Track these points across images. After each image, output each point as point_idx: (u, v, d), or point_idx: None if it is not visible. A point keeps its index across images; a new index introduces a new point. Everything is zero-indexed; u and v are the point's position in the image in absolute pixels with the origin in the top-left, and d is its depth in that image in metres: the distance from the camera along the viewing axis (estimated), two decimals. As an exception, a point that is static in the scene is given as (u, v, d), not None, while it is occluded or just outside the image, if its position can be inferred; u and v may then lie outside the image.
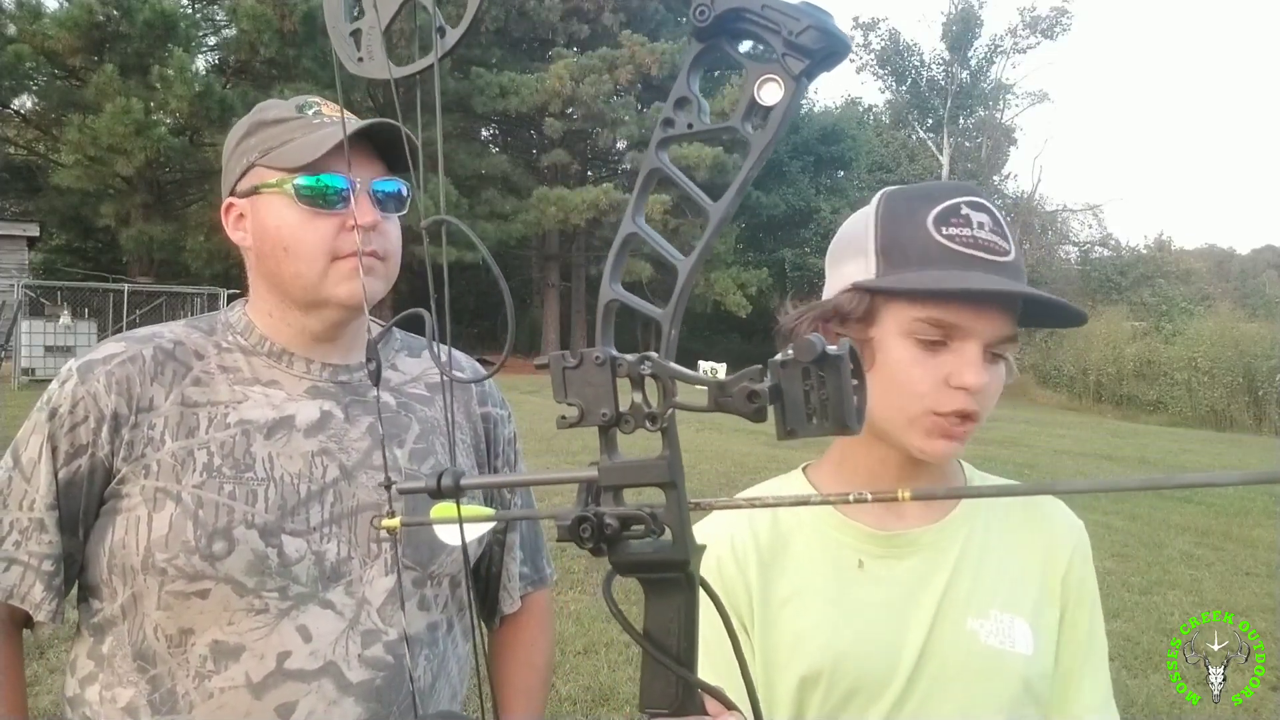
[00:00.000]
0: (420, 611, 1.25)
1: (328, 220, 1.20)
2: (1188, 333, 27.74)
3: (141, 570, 1.13)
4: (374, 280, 1.22)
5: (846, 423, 0.44)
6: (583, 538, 0.51)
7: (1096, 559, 1.20)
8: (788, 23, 0.48)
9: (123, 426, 1.17)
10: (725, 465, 9.77)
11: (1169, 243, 43.69)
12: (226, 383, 1.23)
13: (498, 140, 31.98)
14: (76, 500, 1.18)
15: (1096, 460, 13.16)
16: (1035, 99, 44.17)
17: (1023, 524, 1.17)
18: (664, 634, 0.54)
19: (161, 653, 1.14)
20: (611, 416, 0.51)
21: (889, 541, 1.13)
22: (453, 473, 0.53)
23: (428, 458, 1.30)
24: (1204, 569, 6.86)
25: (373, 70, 0.60)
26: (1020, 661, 1.07)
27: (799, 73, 0.49)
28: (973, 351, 1.03)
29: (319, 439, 1.22)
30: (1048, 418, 21.18)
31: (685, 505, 0.51)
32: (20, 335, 16.62)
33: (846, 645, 1.09)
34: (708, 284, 27.68)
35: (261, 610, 1.14)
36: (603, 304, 0.54)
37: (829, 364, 0.45)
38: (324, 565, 1.17)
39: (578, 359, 0.51)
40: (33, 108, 23.74)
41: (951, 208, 1.05)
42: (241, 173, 1.25)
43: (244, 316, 1.30)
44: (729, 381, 0.48)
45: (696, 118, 0.53)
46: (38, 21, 19.25)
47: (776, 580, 1.14)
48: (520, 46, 29.43)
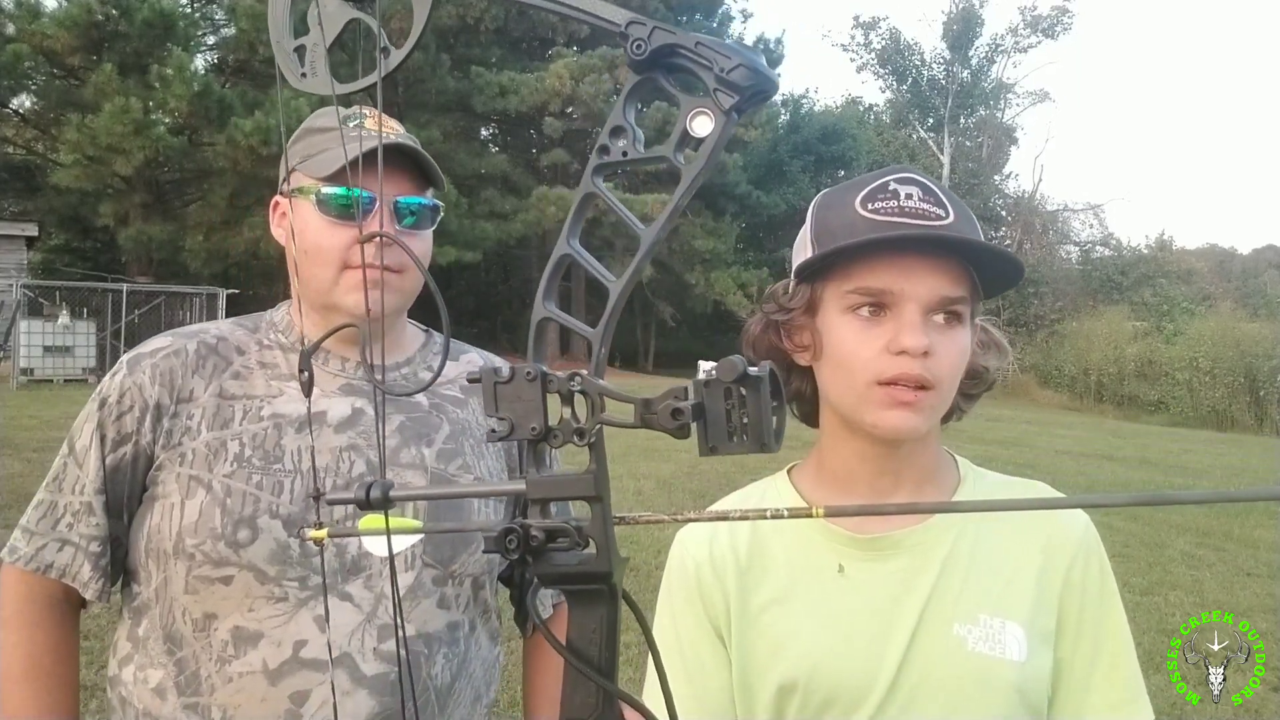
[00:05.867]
0: (440, 610, 1.27)
1: (345, 230, 1.25)
2: (1189, 333, 27.75)
3: (173, 554, 1.18)
4: (385, 293, 1.27)
5: (764, 441, 0.45)
6: (509, 549, 0.52)
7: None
8: (719, 60, 0.51)
9: (164, 416, 1.24)
10: (725, 466, 9.78)
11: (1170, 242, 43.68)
12: (264, 378, 1.29)
13: (497, 140, 31.99)
14: (122, 486, 1.25)
15: (1098, 460, 13.16)
16: (1036, 98, 44.18)
17: (1019, 522, 1.12)
18: (586, 644, 0.55)
19: (187, 636, 1.19)
20: (540, 431, 0.52)
21: (871, 544, 1.10)
22: (381, 484, 0.54)
23: (455, 458, 1.34)
24: (1205, 569, 6.87)
25: (316, 86, 0.61)
26: (1011, 669, 1.03)
27: (729, 107, 0.51)
28: (909, 314, 1.01)
29: (349, 435, 1.26)
30: (1049, 418, 21.19)
31: (610, 519, 0.52)
32: (19, 335, 16.67)
33: (823, 653, 1.07)
34: (708, 284, 27.69)
35: (281, 599, 1.18)
36: (535, 321, 0.55)
37: (750, 383, 0.46)
38: (345, 558, 1.21)
39: (509, 374, 0.52)
40: (31, 107, 23.74)
41: (879, 186, 1.05)
42: (288, 174, 1.31)
43: (287, 316, 1.37)
44: (654, 399, 0.49)
45: (632, 146, 0.55)
46: (36, 21, 19.24)
47: (755, 587, 1.13)
48: (520, 46, 29.44)
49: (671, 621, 1.17)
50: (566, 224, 0.56)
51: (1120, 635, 1.09)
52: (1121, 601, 1.12)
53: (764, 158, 31.30)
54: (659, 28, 0.50)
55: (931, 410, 1.04)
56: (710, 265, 27.87)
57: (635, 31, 0.51)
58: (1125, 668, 1.08)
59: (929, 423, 1.05)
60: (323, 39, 0.61)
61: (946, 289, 1.02)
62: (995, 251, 1.03)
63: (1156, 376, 26.83)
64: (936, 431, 1.13)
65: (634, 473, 9.25)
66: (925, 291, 1.02)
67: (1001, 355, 1.13)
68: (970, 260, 1.04)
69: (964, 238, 1.01)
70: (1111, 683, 1.07)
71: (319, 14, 0.59)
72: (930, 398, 1.03)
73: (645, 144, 0.55)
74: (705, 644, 1.14)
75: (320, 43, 0.61)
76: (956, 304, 1.03)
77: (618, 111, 0.54)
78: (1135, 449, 15.08)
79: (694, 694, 1.13)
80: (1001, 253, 1.04)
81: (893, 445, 1.08)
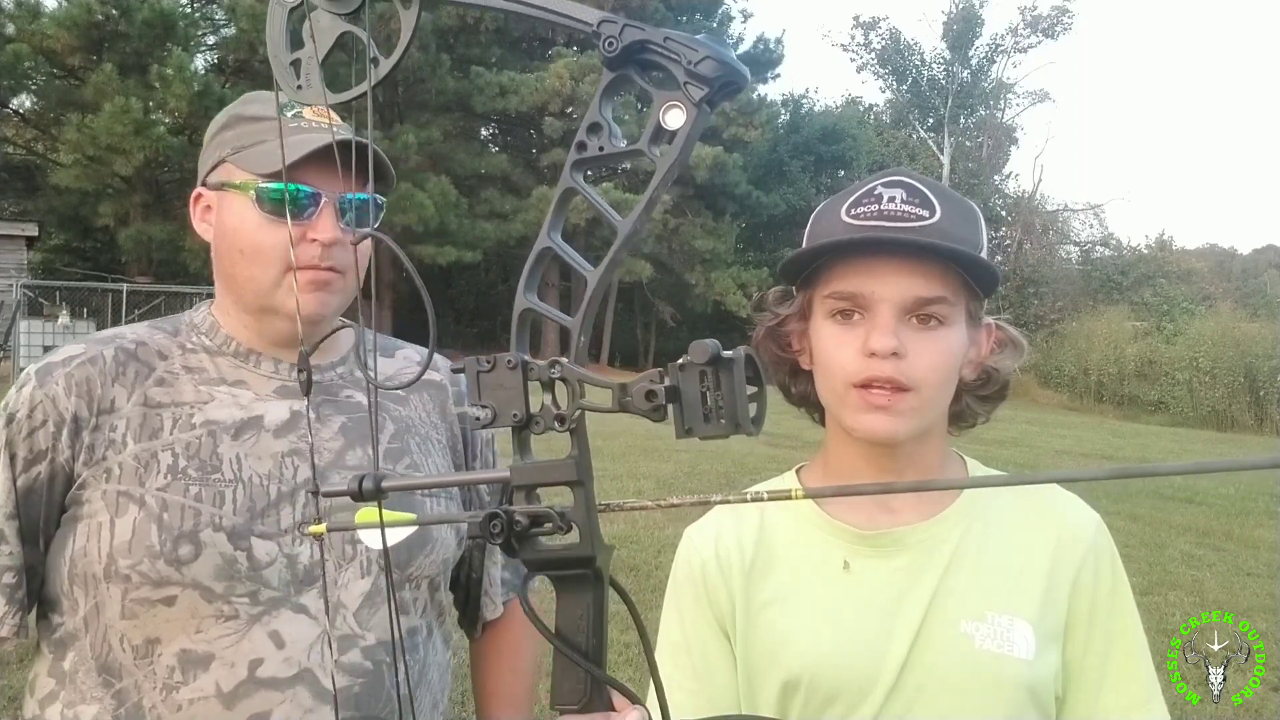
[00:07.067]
0: (399, 615, 1.22)
1: (286, 229, 1.17)
2: (1189, 333, 27.74)
3: (104, 578, 1.10)
4: (329, 294, 1.21)
5: (740, 423, 0.46)
6: (493, 534, 0.53)
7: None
8: (687, 53, 0.52)
9: (83, 429, 1.14)
10: (725, 465, 9.79)
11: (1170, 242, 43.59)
12: (191, 383, 1.20)
13: (497, 140, 31.96)
14: (37, 509, 1.15)
15: (1098, 460, 13.14)
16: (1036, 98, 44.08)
17: (1029, 520, 1.11)
18: (573, 631, 0.55)
19: (127, 664, 1.11)
20: (522, 418, 0.53)
21: (876, 541, 1.09)
22: (373, 476, 0.55)
23: (402, 458, 1.28)
24: (1205, 569, 6.87)
25: (310, 97, 0.63)
26: (1020, 666, 1.02)
27: (700, 99, 0.52)
28: (881, 316, 1.02)
29: (289, 439, 1.20)
30: (1049, 418, 21.17)
31: (593, 504, 0.53)
32: (19, 335, 16.65)
33: (827, 650, 1.06)
34: (708, 283, 27.66)
35: (231, 616, 1.11)
36: (517, 313, 0.56)
37: (723, 366, 0.47)
38: (296, 568, 1.14)
39: (491, 363, 0.53)
40: (31, 107, 23.76)
41: (866, 191, 1.07)
42: (213, 165, 1.23)
43: (209, 316, 1.28)
44: (630, 383, 0.50)
45: (608, 141, 0.56)
46: (36, 21, 19.27)
47: (761, 584, 1.13)
48: (520, 45, 29.41)
49: (678, 619, 1.18)
50: (547, 218, 0.58)
51: (1133, 636, 1.09)
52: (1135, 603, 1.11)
53: (764, 158, 31.26)
54: (629, 25, 0.51)
55: (913, 413, 1.03)
56: (710, 265, 27.84)
57: (607, 30, 0.52)
58: (1139, 668, 1.08)
59: (910, 425, 1.04)
60: (315, 52, 0.63)
61: (920, 290, 1.02)
62: (959, 255, 1.01)
63: (1156, 376, 26.81)
64: (941, 432, 1.13)
65: (634, 472, 9.24)
66: (897, 293, 1.02)
67: (1018, 354, 1.12)
68: (955, 260, 1.03)
69: (926, 240, 1.00)
70: (1125, 683, 1.06)
71: (312, 28, 0.61)
72: (909, 400, 1.02)
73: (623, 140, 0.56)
74: (712, 641, 1.15)
75: (314, 55, 0.63)
76: (933, 305, 1.03)
77: (593, 109, 0.56)
78: (1135, 449, 15.07)
79: (701, 690, 1.13)
80: (966, 256, 1.02)
81: (888, 446, 1.08)
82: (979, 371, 1.11)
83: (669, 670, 1.14)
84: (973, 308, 1.07)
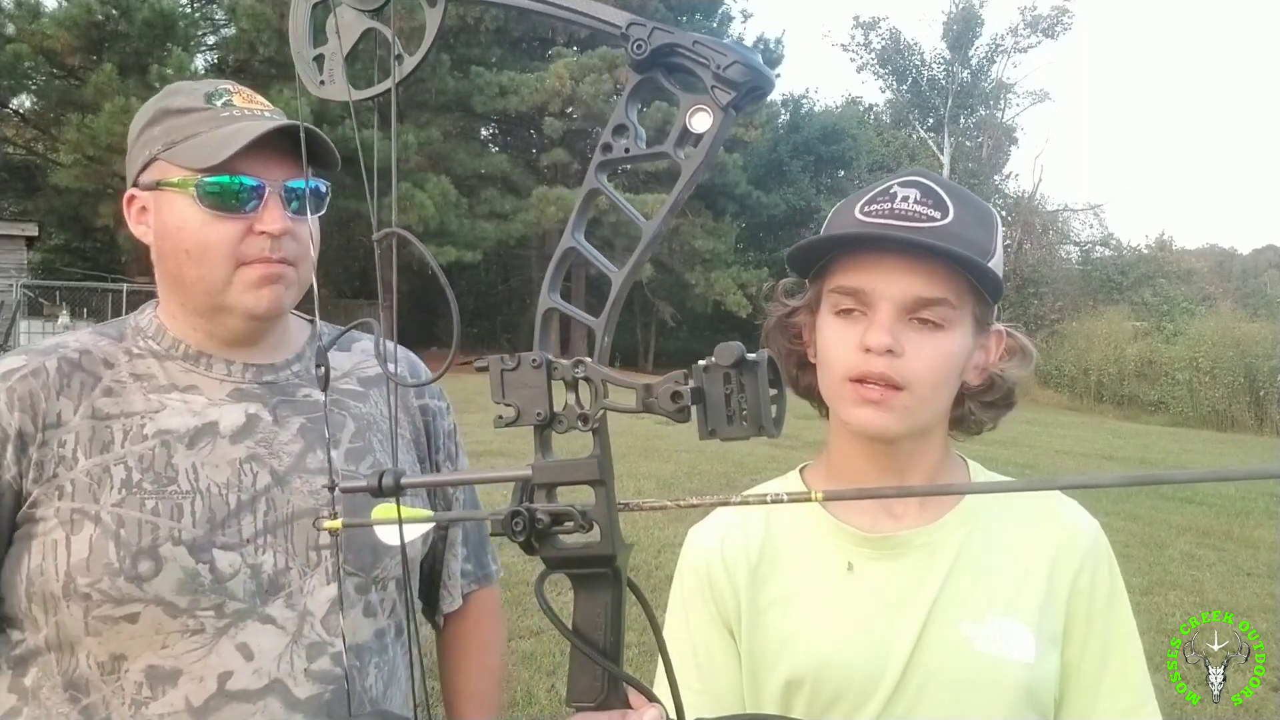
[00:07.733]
0: (366, 618, 1.21)
1: (233, 224, 1.13)
2: (1189, 333, 27.73)
3: (63, 597, 1.07)
4: (284, 288, 1.17)
5: (763, 425, 0.46)
6: (515, 531, 0.53)
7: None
8: (716, 57, 0.52)
9: (30, 446, 1.10)
10: (725, 466, 9.78)
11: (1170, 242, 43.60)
12: (141, 391, 1.16)
13: (497, 140, 31.95)
14: None
15: (1098, 460, 13.16)
16: (1036, 98, 44.04)
17: (1030, 524, 1.12)
18: (591, 628, 0.56)
19: (94, 680, 1.08)
20: (546, 417, 0.53)
21: (880, 543, 1.11)
22: (393, 472, 0.55)
23: (365, 456, 1.25)
24: (1205, 569, 6.88)
25: (334, 93, 0.63)
26: (1019, 669, 1.04)
27: (727, 103, 0.53)
28: (881, 313, 1.03)
29: (247, 444, 1.16)
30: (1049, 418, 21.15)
31: (614, 503, 0.53)
32: (19, 335, 16.66)
33: (830, 650, 1.08)
34: (708, 284, 27.66)
35: (197, 630, 1.09)
36: (541, 312, 0.57)
37: (748, 368, 0.47)
38: (261, 578, 1.12)
39: (515, 362, 0.54)
40: (31, 107, 23.75)
41: (882, 190, 1.07)
42: (144, 164, 1.18)
43: (155, 319, 1.23)
44: (655, 384, 0.50)
45: (633, 143, 0.56)
46: (36, 21, 19.26)
47: (766, 584, 1.14)
48: (520, 46, 29.40)
49: (684, 618, 1.18)
50: (571, 219, 0.58)
51: (1129, 640, 1.10)
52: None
53: (764, 158, 31.26)
54: (658, 28, 0.52)
55: (905, 411, 1.04)
56: (710, 265, 27.84)
57: (635, 32, 0.53)
58: (1134, 673, 1.09)
59: (903, 423, 1.05)
60: (340, 48, 0.63)
61: (920, 290, 1.02)
62: (956, 256, 1.01)
63: (1156, 376, 26.79)
64: (942, 434, 1.14)
65: (634, 472, 9.25)
66: (898, 292, 1.02)
67: (1026, 362, 1.12)
68: (955, 262, 1.03)
69: (925, 240, 1.00)
70: (1121, 687, 1.08)
71: (336, 24, 0.61)
72: (902, 398, 1.03)
73: (646, 142, 0.56)
74: (717, 640, 1.16)
75: (338, 51, 0.63)
76: (933, 306, 1.03)
77: (620, 110, 0.56)
78: (1135, 449, 15.07)
79: (706, 689, 1.14)
80: (963, 258, 1.02)
81: (884, 443, 1.09)
82: (984, 377, 1.11)
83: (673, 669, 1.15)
84: (979, 312, 1.07)
